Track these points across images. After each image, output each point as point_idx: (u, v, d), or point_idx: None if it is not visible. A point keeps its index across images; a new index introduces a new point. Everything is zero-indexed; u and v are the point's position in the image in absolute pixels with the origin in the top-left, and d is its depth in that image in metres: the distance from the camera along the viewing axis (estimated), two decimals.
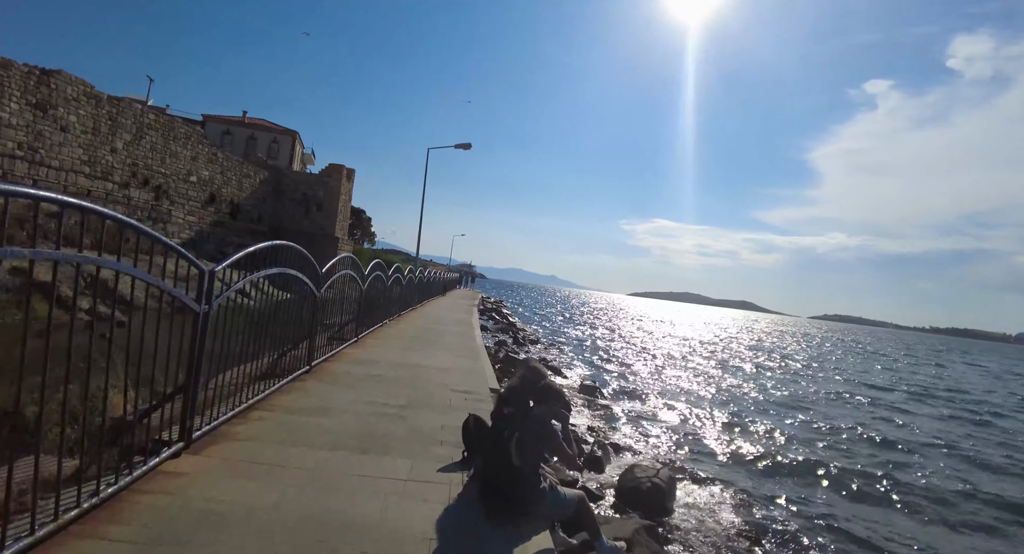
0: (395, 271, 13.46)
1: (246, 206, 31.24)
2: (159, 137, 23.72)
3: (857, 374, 32.05)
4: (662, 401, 15.25)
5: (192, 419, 3.79)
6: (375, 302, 12.01)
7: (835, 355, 48.87)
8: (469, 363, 8.71)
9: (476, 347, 10.62)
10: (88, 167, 20.17)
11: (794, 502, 8.63)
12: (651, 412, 13.80)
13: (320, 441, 4.24)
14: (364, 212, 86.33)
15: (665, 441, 11.34)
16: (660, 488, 6.37)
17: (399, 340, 10.36)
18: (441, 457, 4.23)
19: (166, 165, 24.36)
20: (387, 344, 9.71)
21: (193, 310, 3.70)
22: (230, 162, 29.43)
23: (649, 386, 17.76)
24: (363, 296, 9.88)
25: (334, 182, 34.69)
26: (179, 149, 25.13)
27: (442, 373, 7.57)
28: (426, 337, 11.21)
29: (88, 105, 19.91)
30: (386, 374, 7.05)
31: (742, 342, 50.87)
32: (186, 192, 25.94)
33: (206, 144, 27.29)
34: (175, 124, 24.82)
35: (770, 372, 27.75)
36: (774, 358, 36.61)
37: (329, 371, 6.86)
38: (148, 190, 23.40)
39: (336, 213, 34.87)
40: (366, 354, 8.38)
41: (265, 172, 32.89)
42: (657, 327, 58.77)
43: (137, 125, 22.42)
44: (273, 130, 51.86)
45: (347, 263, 8.78)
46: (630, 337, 38.96)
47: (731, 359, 31.85)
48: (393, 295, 13.52)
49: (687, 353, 31.88)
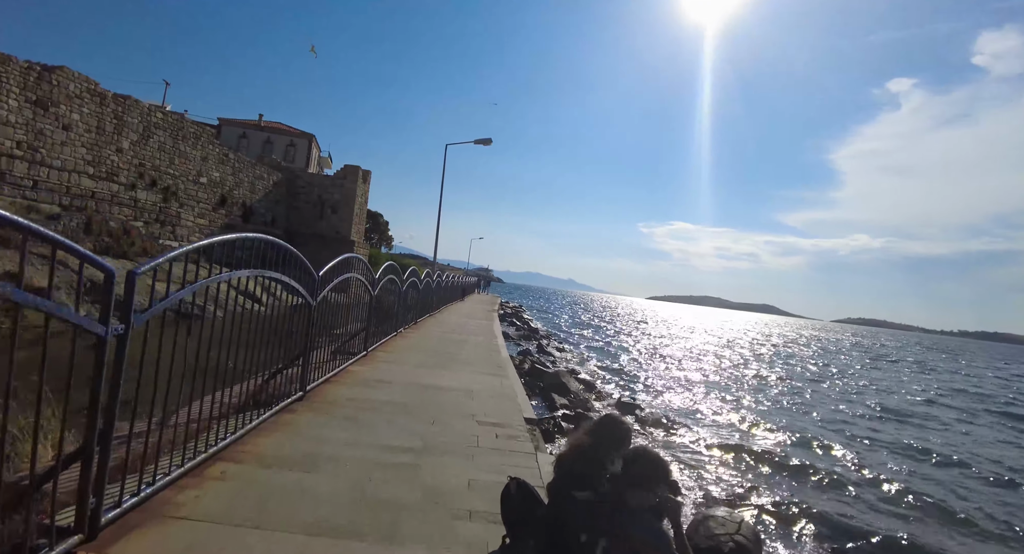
0: (410, 275, 12.24)
1: (259, 208, 30.38)
2: (167, 137, 22.88)
3: (910, 384, 30.08)
4: (710, 418, 13.68)
5: (97, 495, 2.48)
6: (388, 309, 10.79)
7: (882, 362, 46.63)
8: (495, 382, 7.39)
9: (502, 361, 9.30)
10: (92, 167, 19.33)
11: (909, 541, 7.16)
12: (701, 434, 12.16)
13: (298, 518, 2.95)
14: (381, 216, 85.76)
15: (729, 473, 9.80)
16: (747, 549, 4.96)
17: (414, 353, 9.09)
18: (471, 542, 2.92)
19: (175, 166, 23.51)
20: (400, 358, 8.44)
21: (95, 334, 2.39)
22: (242, 163, 28.58)
23: (692, 400, 16.08)
24: (374, 303, 8.65)
25: (349, 184, 33.73)
26: (188, 149, 24.28)
27: (464, 397, 6.26)
28: (444, 349, 9.93)
29: (92, 103, 19.07)
30: (396, 400, 5.76)
31: (774, 345, 48.85)
32: (196, 194, 25.09)
33: (216, 144, 26.46)
34: (184, 123, 23.99)
35: (819, 383, 25.98)
36: (816, 365, 34.72)
37: (328, 397, 5.60)
38: (156, 192, 22.56)
39: (352, 216, 33.90)
40: (375, 372, 7.11)
41: (278, 174, 32.04)
42: (684, 332, 56.82)
43: (144, 124, 21.58)
44: (290, 133, 51.35)
45: (353, 265, 7.54)
46: (659, 343, 37.28)
47: (771, 366, 30.10)
48: (408, 301, 12.28)
49: (726, 361, 30.16)
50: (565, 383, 12.10)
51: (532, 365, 14.03)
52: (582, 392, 12.51)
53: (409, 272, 12.05)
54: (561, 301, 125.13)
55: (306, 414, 4.93)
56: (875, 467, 11.22)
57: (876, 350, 69.41)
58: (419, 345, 10.15)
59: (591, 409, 11.16)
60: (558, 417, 9.67)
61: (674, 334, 51.16)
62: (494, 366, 8.74)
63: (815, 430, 14.21)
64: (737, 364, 29.32)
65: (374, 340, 9.14)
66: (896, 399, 22.82)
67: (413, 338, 11.09)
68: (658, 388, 18.08)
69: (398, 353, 8.95)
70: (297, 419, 4.75)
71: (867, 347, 75.52)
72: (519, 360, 15.58)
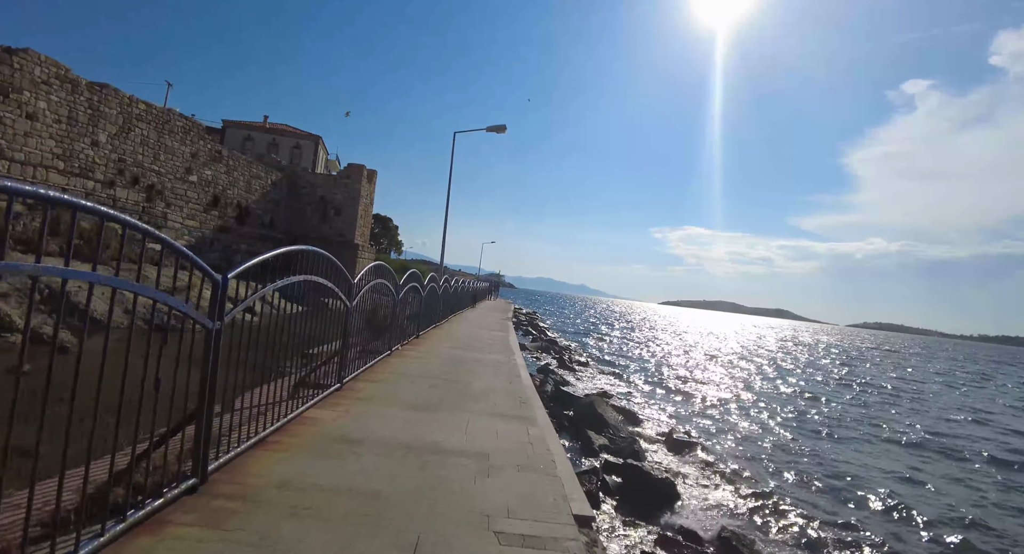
0: (409, 278, 10.01)
1: (256, 210, 28.40)
2: (151, 131, 20.95)
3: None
4: (795, 462, 11.02)
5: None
6: (381, 322, 8.57)
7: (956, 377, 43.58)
8: (520, 433, 5.09)
9: (525, 392, 6.97)
10: (62, 161, 17.40)
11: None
12: (797, 493, 9.40)
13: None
14: (391, 220, 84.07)
15: (836, 533, 7.39)
16: None
17: (410, 383, 6.80)
18: None
19: (160, 162, 21.58)
20: (389, 393, 6.16)
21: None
22: (237, 161, 26.63)
23: (760, 429, 13.47)
24: (352, 316, 6.41)
25: (354, 184, 31.69)
26: (176, 145, 22.35)
27: (476, 471, 3.95)
28: (451, 374, 7.63)
29: (62, 90, 17.17)
30: (361, 486, 3.45)
31: (825, 353, 45.96)
32: (184, 193, 23.14)
33: (208, 140, 24.53)
34: (171, 117, 22.06)
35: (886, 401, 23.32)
36: (865, 378, 31.97)
37: (248, 480, 3.34)
38: (139, 190, 20.61)
39: (356, 218, 31.83)
40: (344, 422, 4.83)
41: (278, 173, 30.07)
42: (711, 340, 53.72)
43: (124, 116, 19.66)
44: (296, 135, 49.73)
45: (314, 264, 5.26)
46: (690, 352, 34.57)
47: (830, 378, 27.45)
48: (409, 311, 10.05)
49: (768, 375, 27.55)
50: (601, 413, 9.74)
51: (556, 387, 11.72)
52: (622, 425, 10.13)
53: (407, 275, 9.81)
54: (575, 307, 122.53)
55: (207, 513, 2.68)
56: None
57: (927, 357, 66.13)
58: (418, 369, 7.87)
59: (641, 454, 8.74)
60: (600, 469, 7.31)
61: (705, 343, 47.98)
62: (516, 401, 6.43)
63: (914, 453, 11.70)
64: (789, 378, 26.60)
65: (359, 364, 6.91)
66: None
67: (412, 358, 8.82)
68: (710, 413, 15.34)
69: (389, 383, 6.68)
70: (184, 531, 2.50)
71: (914, 354, 72.23)
72: (540, 379, 13.26)
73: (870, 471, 10.93)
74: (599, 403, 10.24)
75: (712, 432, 12.66)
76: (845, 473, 10.47)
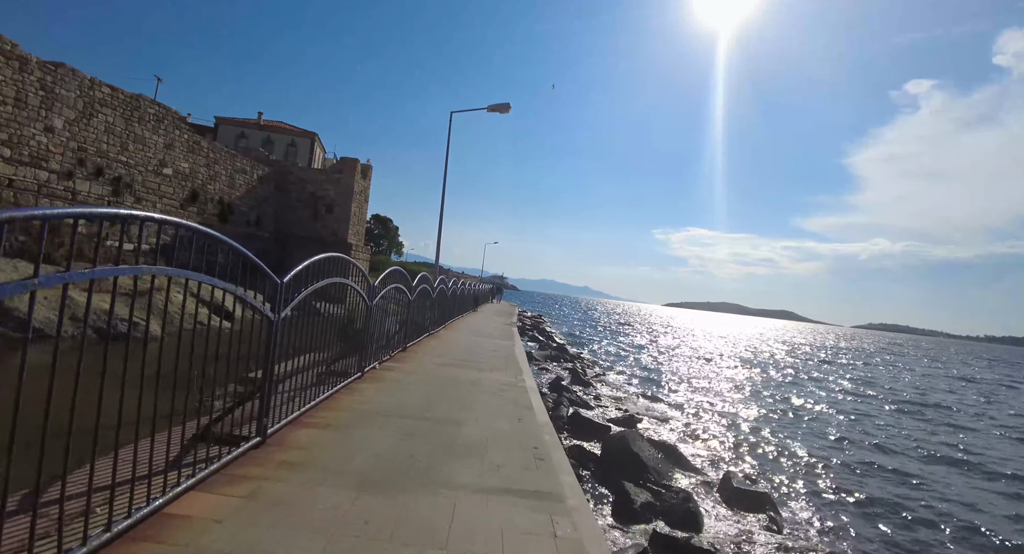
0: (390, 278, 7.91)
1: (240, 206, 26.38)
2: (117, 117, 18.95)
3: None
4: (884, 517, 8.81)
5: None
6: (354, 337, 6.54)
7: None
8: (541, 524, 3.01)
9: (541, 437, 4.86)
10: (8, 149, 15.40)
11: None
12: None
13: None
14: (391, 221, 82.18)
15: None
16: None
17: (368, 435, 4.62)
18: None
19: (129, 153, 19.58)
20: (331, 457, 3.99)
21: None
22: (218, 153, 24.62)
23: (834, 473, 10.94)
24: (276, 331, 4.31)
25: (347, 178, 29.64)
26: (147, 134, 20.36)
27: None
28: (432, 415, 5.43)
29: (8, 68, 15.18)
30: None
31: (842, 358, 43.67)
32: (158, 187, 21.13)
33: (185, 129, 22.51)
34: (141, 103, 20.05)
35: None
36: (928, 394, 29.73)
37: None
38: (103, 183, 18.60)
39: (349, 215, 29.78)
40: (234, 531, 2.73)
41: (265, 168, 28.04)
42: (731, 346, 51.08)
43: (85, 100, 17.67)
44: (291, 132, 47.94)
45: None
46: (716, 361, 32.08)
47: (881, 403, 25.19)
48: (385, 321, 7.95)
49: (811, 390, 25.27)
50: (637, 452, 7.57)
51: (575, 411, 9.61)
52: (663, 466, 7.97)
53: (386, 273, 7.71)
54: (580, 309, 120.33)
55: None
56: None
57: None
58: (392, 401, 5.76)
59: (699, 517, 6.51)
60: (648, 546, 5.18)
61: (725, 350, 44.98)
62: (529, 457, 4.31)
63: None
64: (841, 394, 24.16)
65: (307, 397, 4.83)
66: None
67: (389, 382, 6.71)
68: (762, 442, 12.66)
69: (342, 429, 4.57)
70: None
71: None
72: (553, 398, 11.12)
73: None
74: (633, 438, 8.02)
75: (773, 469, 10.18)
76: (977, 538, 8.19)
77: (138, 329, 12.34)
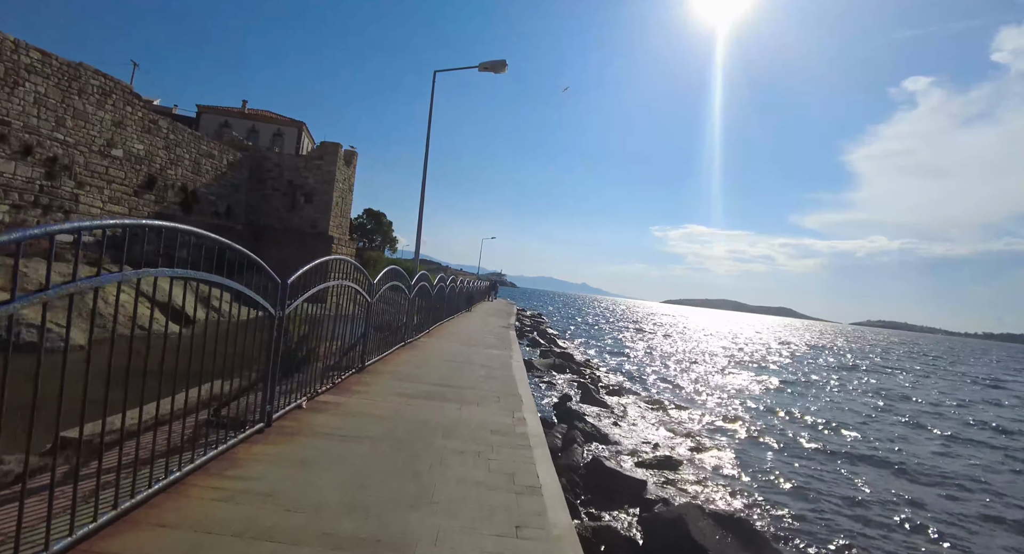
0: (313, 269, 5.39)
1: (207, 195, 23.73)
2: (51, 88, 16.32)
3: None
4: None
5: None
6: (291, 359, 4.08)
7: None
8: None
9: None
10: None
11: None
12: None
13: None
14: (384, 216, 79.41)
15: None
16: None
17: (298, 523, 2.17)
18: None
19: (67, 130, 16.95)
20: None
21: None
22: (180, 135, 21.95)
23: None
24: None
25: (327, 165, 26.99)
26: (91, 109, 17.72)
27: None
28: (355, 533, 2.97)
29: None
30: None
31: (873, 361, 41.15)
32: (105, 171, 18.49)
33: (139, 106, 19.85)
34: (83, 72, 17.39)
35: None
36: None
37: None
38: (33, 164, 15.97)
39: (330, 206, 27.16)
40: None
41: (236, 153, 25.36)
42: (745, 348, 47.40)
43: (8, 65, 15.04)
44: (277, 121, 45.32)
45: None
46: (737, 369, 28.97)
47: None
48: (349, 331, 5.43)
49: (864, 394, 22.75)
50: (700, 544, 4.94)
51: (595, 459, 7.04)
52: None
53: (315, 264, 5.19)
54: (579, 307, 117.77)
55: None
56: None
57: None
58: (284, 499, 3.23)
59: None
60: None
61: (739, 353, 39.93)
62: None
63: None
64: None
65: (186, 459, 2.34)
66: None
67: (302, 445, 4.16)
68: (867, 507, 8.99)
69: (258, 507, 2.08)
70: None
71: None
72: (562, 432, 8.58)
73: None
74: (693, 518, 5.31)
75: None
76: None
77: None
